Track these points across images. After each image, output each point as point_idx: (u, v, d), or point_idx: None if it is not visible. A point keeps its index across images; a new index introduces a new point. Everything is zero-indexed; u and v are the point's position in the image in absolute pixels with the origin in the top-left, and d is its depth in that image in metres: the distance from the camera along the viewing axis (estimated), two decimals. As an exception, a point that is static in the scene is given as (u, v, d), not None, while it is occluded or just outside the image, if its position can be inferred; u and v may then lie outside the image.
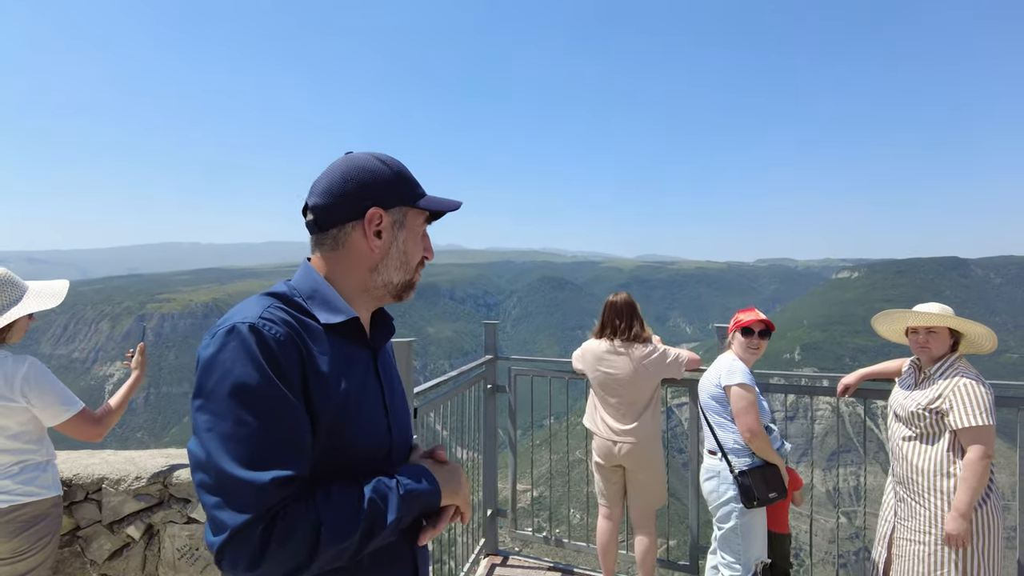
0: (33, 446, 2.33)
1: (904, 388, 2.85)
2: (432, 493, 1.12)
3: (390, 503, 1.02)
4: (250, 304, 1.06)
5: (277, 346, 0.99)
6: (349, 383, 1.09)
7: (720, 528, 3.06)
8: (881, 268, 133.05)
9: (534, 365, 4.33)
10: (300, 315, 1.08)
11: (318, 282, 1.15)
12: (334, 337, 1.11)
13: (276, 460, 0.94)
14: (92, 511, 2.69)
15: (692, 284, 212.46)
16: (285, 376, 0.98)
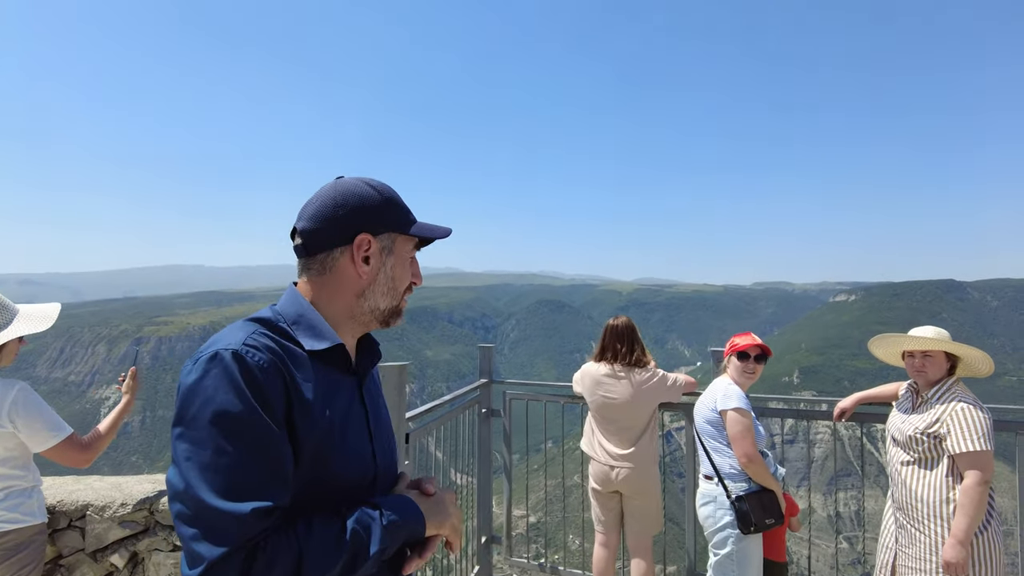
0: (19, 472, 2.28)
1: (902, 412, 2.82)
2: (416, 524, 1.10)
3: (373, 534, 1.00)
4: (234, 330, 1.05)
5: (260, 373, 0.97)
6: (334, 410, 1.08)
7: (716, 554, 3.01)
8: (878, 291, 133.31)
9: (529, 389, 4.30)
10: (284, 341, 1.07)
11: (304, 307, 1.13)
12: (319, 364, 1.09)
13: (257, 490, 0.91)
14: (75, 539, 2.63)
15: (690, 307, 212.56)
16: (268, 404, 0.96)
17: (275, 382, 0.98)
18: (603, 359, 3.56)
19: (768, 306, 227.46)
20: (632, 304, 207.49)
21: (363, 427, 1.16)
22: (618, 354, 3.51)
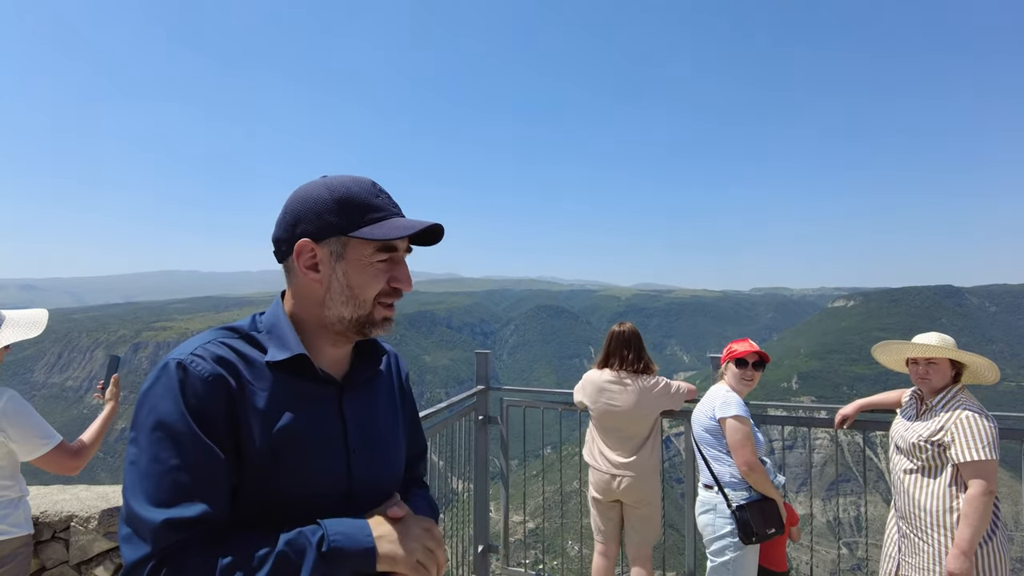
0: (6, 482, 2.24)
1: (906, 419, 2.78)
2: (362, 556, 0.98)
3: (306, 560, 0.92)
4: (197, 338, 1.05)
5: (201, 384, 0.96)
6: (292, 422, 1.03)
7: (713, 562, 2.96)
8: (876, 297, 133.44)
9: (526, 396, 4.25)
10: (251, 349, 1.06)
11: (278, 316, 1.11)
12: (282, 374, 1.05)
13: (179, 501, 0.91)
14: (59, 551, 2.57)
15: (688, 313, 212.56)
16: (204, 415, 0.95)
17: (215, 393, 0.97)
18: (608, 366, 3.51)
19: (767, 311, 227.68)
20: (631, 309, 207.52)
21: (336, 440, 1.09)
22: (625, 361, 3.46)
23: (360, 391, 1.17)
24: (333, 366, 1.15)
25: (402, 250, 1.12)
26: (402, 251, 1.12)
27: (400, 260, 1.12)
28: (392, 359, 1.33)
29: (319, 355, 1.13)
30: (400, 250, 1.11)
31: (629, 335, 3.53)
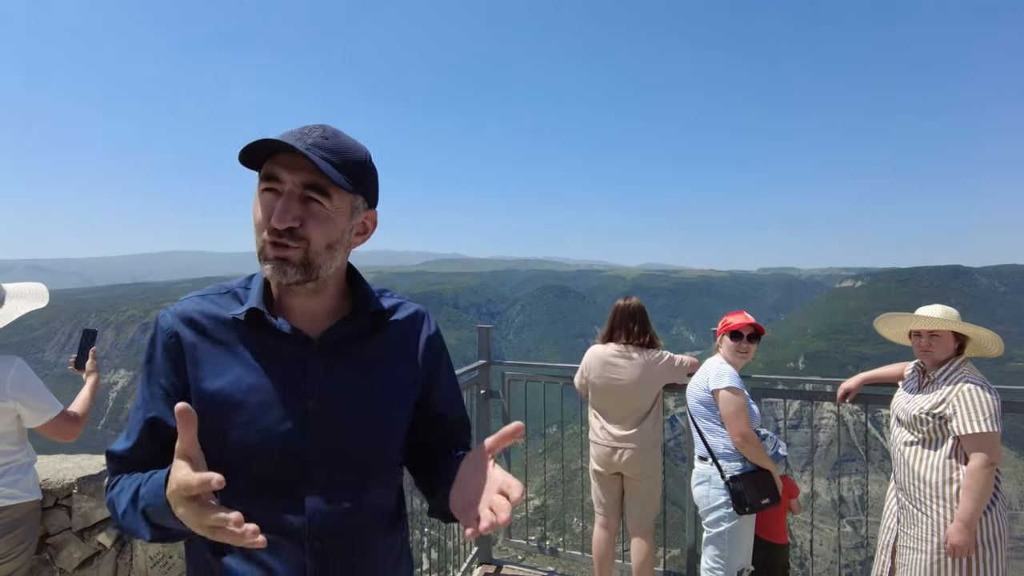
0: (16, 447, 2.30)
1: (907, 392, 2.76)
2: (162, 515, 0.93)
3: (143, 520, 0.98)
4: (189, 295, 1.13)
5: (162, 336, 1.07)
6: (247, 377, 1.04)
7: (708, 532, 2.98)
8: (884, 277, 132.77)
9: (528, 370, 4.25)
10: (229, 304, 1.10)
11: (260, 271, 1.10)
12: (249, 330, 1.07)
13: (125, 436, 1.07)
14: (62, 518, 2.60)
15: (695, 293, 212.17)
16: (156, 367, 1.06)
17: (172, 344, 1.06)
18: (612, 339, 3.50)
19: (774, 292, 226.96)
20: (637, 290, 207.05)
21: (291, 400, 1.04)
22: (631, 333, 3.45)
23: (338, 349, 1.11)
24: (309, 322, 1.11)
25: (288, 183, 1.00)
26: (289, 185, 1.00)
27: (285, 194, 1.00)
28: (417, 320, 1.24)
29: (289, 310, 1.10)
30: (284, 182, 1.00)
31: (635, 309, 3.51)
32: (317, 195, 1.01)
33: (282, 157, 0.99)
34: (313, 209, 1.02)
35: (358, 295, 1.17)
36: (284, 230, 0.99)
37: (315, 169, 0.99)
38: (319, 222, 1.02)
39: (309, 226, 1.01)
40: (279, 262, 1.01)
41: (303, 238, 1.01)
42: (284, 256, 1.01)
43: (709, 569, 2.96)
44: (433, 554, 3.95)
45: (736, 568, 2.91)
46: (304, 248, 1.01)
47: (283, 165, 0.99)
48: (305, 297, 1.10)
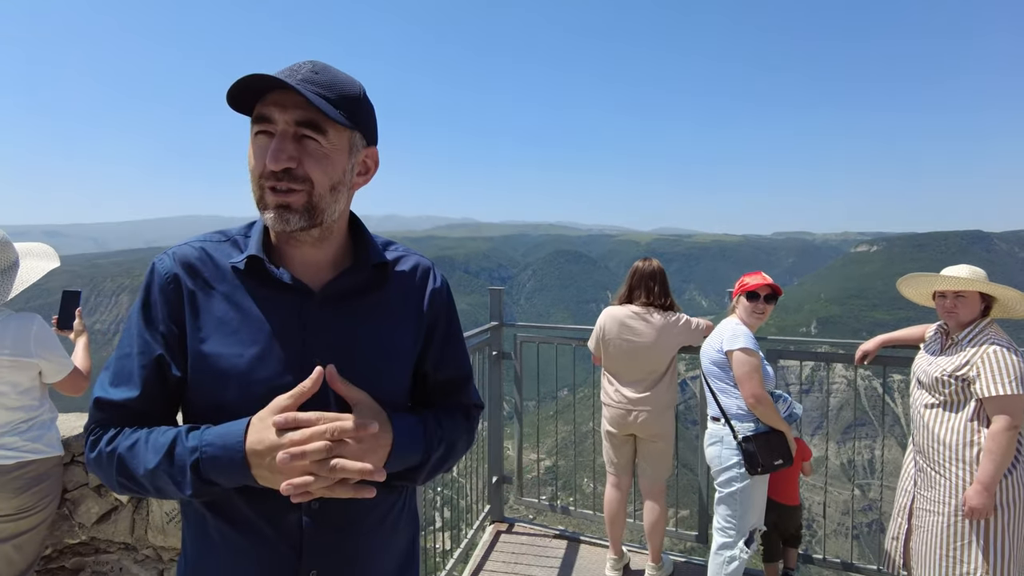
0: (37, 403, 2.37)
1: (929, 354, 2.71)
2: (235, 471, 0.91)
3: (185, 476, 0.91)
4: (186, 240, 1.08)
5: (159, 281, 1.02)
6: (242, 327, 1.00)
7: (720, 492, 2.98)
8: (901, 242, 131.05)
9: (540, 332, 4.23)
10: (228, 251, 1.06)
11: (260, 219, 1.06)
12: (247, 278, 1.03)
13: (116, 384, 1.00)
14: (80, 474, 2.64)
15: (708, 258, 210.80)
16: (152, 310, 1.01)
17: (168, 290, 1.01)
18: (631, 300, 3.46)
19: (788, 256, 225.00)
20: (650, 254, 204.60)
21: (289, 353, 1.01)
22: (651, 293, 3.40)
23: (340, 302, 1.07)
24: (309, 272, 1.06)
25: (281, 123, 0.94)
26: (282, 125, 0.94)
27: (279, 134, 0.94)
28: (419, 272, 1.19)
29: (291, 260, 1.06)
30: (276, 122, 0.94)
31: (655, 270, 3.47)
32: (312, 132, 0.95)
33: (272, 96, 0.94)
34: (309, 147, 0.96)
35: (361, 246, 1.13)
36: (282, 172, 0.94)
37: (308, 105, 0.93)
38: (316, 161, 0.96)
39: (307, 165, 0.95)
40: (281, 209, 0.96)
41: (305, 179, 0.96)
42: (286, 203, 0.96)
43: (721, 529, 2.96)
44: (446, 512, 4.00)
45: (748, 528, 2.91)
46: (308, 191, 0.96)
47: (274, 104, 0.94)
48: (308, 246, 1.06)
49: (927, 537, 2.58)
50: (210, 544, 1.01)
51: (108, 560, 2.68)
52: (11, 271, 2.36)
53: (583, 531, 4.19)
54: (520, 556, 3.78)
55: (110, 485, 0.99)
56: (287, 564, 1.00)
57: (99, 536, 2.68)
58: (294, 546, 1.00)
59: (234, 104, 0.95)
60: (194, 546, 1.04)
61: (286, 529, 0.99)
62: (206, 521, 1.01)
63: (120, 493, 0.97)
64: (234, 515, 0.99)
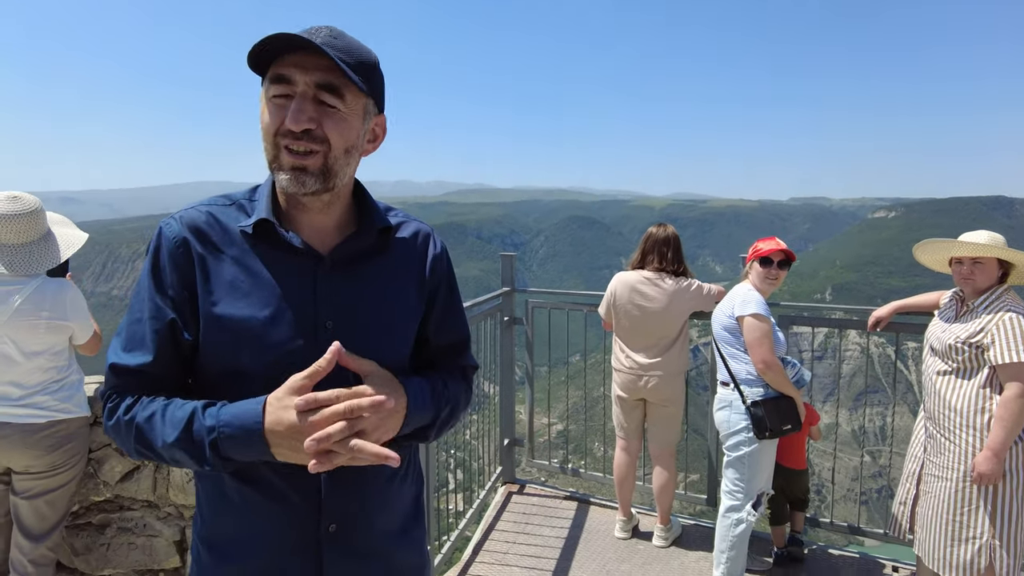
0: (67, 364, 2.48)
1: (943, 320, 2.69)
2: (252, 446, 0.92)
3: (204, 451, 0.93)
4: (190, 204, 1.08)
5: (167, 245, 1.01)
6: (255, 291, 1.01)
7: (728, 456, 3.01)
8: (920, 208, 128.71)
9: (551, 298, 4.25)
10: (235, 215, 1.06)
11: (267, 181, 1.08)
12: (257, 243, 1.03)
13: (130, 349, 1.00)
14: (103, 434, 2.71)
15: (723, 223, 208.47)
16: (162, 274, 1.01)
17: (178, 254, 1.01)
18: (644, 265, 3.45)
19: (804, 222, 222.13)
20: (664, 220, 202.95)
21: (303, 316, 1.02)
22: (664, 259, 3.40)
23: (349, 266, 1.09)
24: (317, 237, 1.08)
25: (301, 84, 0.95)
26: (302, 86, 0.95)
27: (298, 95, 0.96)
28: (420, 237, 1.21)
29: (298, 224, 1.07)
30: (296, 83, 0.95)
31: (670, 236, 3.46)
32: (331, 96, 0.97)
33: (292, 57, 0.95)
34: (327, 110, 0.97)
35: (364, 211, 1.14)
36: (301, 132, 0.95)
37: (328, 68, 0.95)
38: (335, 123, 0.98)
39: (326, 127, 0.97)
40: (297, 171, 0.97)
41: (323, 140, 0.97)
42: (303, 164, 0.97)
43: (729, 492, 3.00)
44: (459, 474, 4.08)
45: (756, 491, 2.94)
46: (324, 153, 0.98)
47: (293, 65, 0.95)
48: (317, 211, 1.07)
49: (934, 502, 2.60)
50: (228, 504, 1.04)
51: (132, 517, 2.77)
52: (48, 238, 2.47)
53: (593, 493, 4.27)
54: (531, 517, 3.86)
55: (128, 452, 1.02)
56: (308, 520, 1.03)
57: (123, 494, 2.77)
58: (314, 503, 1.03)
59: (252, 64, 0.96)
60: (211, 507, 1.07)
61: (305, 488, 1.03)
62: (223, 482, 1.04)
63: (137, 459, 1.01)
64: (253, 476, 1.02)
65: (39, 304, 2.36)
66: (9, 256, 2.34)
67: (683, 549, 3.54)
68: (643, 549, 3.54)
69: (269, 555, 1.03)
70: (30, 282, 2.37)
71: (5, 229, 2.34)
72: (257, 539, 1.03)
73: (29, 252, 2.39)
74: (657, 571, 3.33)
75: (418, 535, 1.23)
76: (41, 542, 2.45)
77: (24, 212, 2.38)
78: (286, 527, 1.03)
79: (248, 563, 1.03)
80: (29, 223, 2.39)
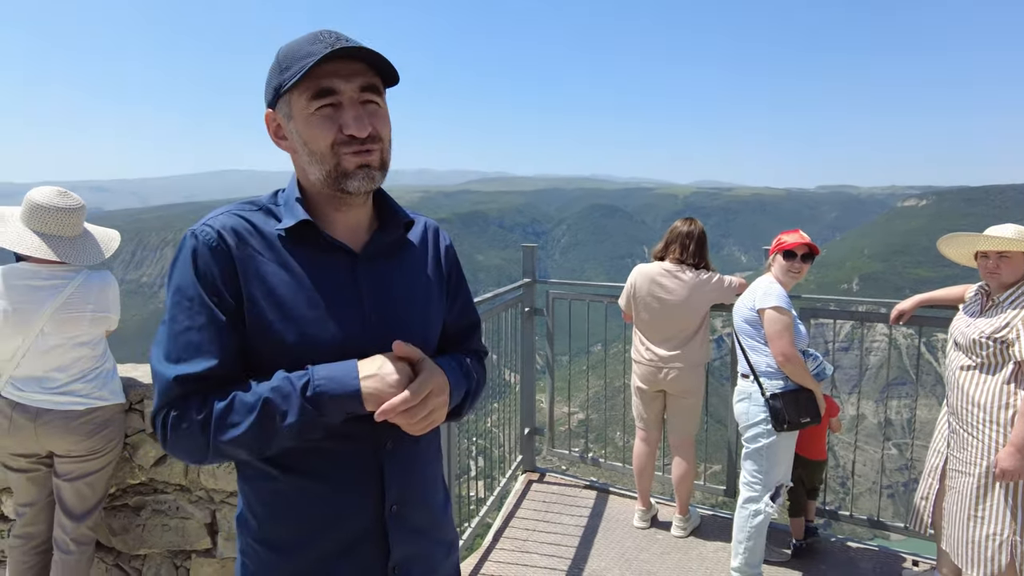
0: (102, 353, 2.59)
1: (968, 315, 2.66)
2: (350, 397, 0.98)
3: (291, 405, 0.96)
4: (216, 210, 1.09)
5: (207, 252, 1.02)
6: (302, 290, 1.05)
7: (747, 448, 3.03)
8: (951, 196, 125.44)
9: (572, 289, 4.27)
10: (265, 220, 1.09)
11: (292, 187, 1.13)
12: (295, 244, 1.07)
13: (187, 358, 0.99)
14: (137, 420, 2.82)
15: (748, 212, 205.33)
16: (207, 280, 1.01)
17: (219, 260, 1.02)
18: (666, 255, 3.45)
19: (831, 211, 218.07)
20: (688, 208, 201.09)
21: (349, 310, 1.08)
22: (685, 250, 3.40)
23: (379, 261, 1.15)
24: (349, 235, 1.13)
25: (347, 92, 1.01)
26: (348, 93, 1.01)
27: (347, 103, 1.01)
28: (430, 231, 1.29)
29: (331, 224, 1.12)
30: (342, 92, 1.01)
31: (695, 231, 3.44)
32: (374, 95, 1.04)
33: (328, 67, 0.99)
34: (373, 109, 1.05)
35: (383, 206, 1.21)
36: (366, 137, 1.02)
37: (365, 71, 1.02)
38: (381, 120, 1.06)
39: (378, 126, 1.05)
40: (366, 169, 1.04)
41: (378, 139, 1.05)
42: (367, 162, 1.04)
43: (747, 483, 3.02)
44: (480, 461, 4.14)
45: (774, 483, 2.95)
46: (380, 148, 1.06)
47: (334, 75, 1.00)
48: (356, 208, 1.13)
49: (957, 498, 2.59)
50: (286, 502, 1.08)
51: (166, 500, 2.87)
52: (88, 235, 2.58)
53: (613, 482, 4.30)
54: (551, 504, 3.91)
55: (198, 455, 1.01)
56: (374, 504, 1.10)
57: (156, 478, 2.87)
58: (377, 488, 1.10)
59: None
60: (265, 508, 1.09)
61: (367, 475, 1.09)
62: (276, 480, 1.07)
63: (211, 462, 1.02)
64: (313, 471, 1.07)
65: (85, 297, 2.48)
66: (66, 248, 2.46)
67: (701, 539, 3.57)
68: (662, 539, 3.58)
69: (337, 542, 1.08)
70: (77, 275, 2.49)
71: (62, 222, 2.45)
72: (323, 530, 1.08)
73: (82, 245, 2.53)
74: (675, 561, 3.36)
75: (450, 509, 1.32)
76: (82, 522, 2.58)
77: (76, 207, 2.50)
78: (352, 513, 1.09)
79: (317, 553, 1.08)
80: (79, 218, 2.52)
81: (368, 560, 1.10)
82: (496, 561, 3.33)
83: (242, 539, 1.14)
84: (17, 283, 2.39)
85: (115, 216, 55.25)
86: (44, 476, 2.58)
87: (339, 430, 1.03)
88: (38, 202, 2.42)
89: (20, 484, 2.57)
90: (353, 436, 1.07)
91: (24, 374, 2.43)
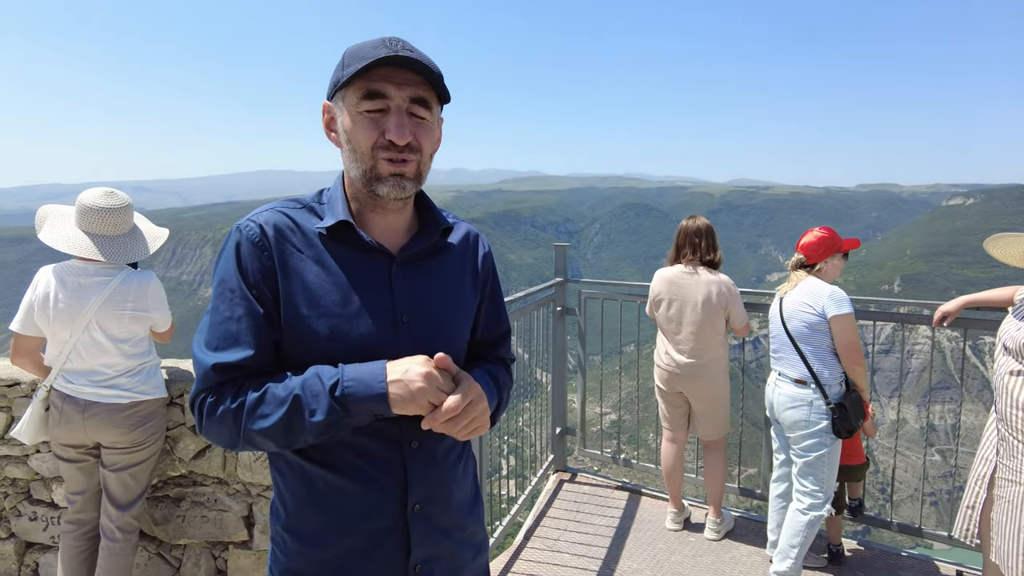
0: (146, 350, 2.69)
1: (1018, 318, 2.57)
2: (376, 400, 0.99)
3: (320, 404, 0.98)
4: (262, 207, 1.13)
5: (249, 246, 1.06)
6: (337, 288, 1.08)
7: (806, 456, 2.96)
8: (1000, 194, 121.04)
9: (604, 288, 4.25)
10: (308, 218, 1.12)
11: (336, 186, 1.16)
12: (333, 243, 1.10)
13: (224, 347, 1.03)
14: (178, 414, 2.92)
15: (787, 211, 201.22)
16: (248, 274, 1.05)
17: (261, 255, 1.05)
18: (680, 259, 3.44)
19: (872, 210, 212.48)
20: (725, 207, 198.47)
21: (382, 310, 1.10)
22: (697, 249, 3.38)
23: (416, 264, 1.17)
24: (387, 237, 1.16)
25: (396, 98, 1.04)
26: (397, 100, 1.04)
27: (394, 110, 1.04)
28: (471, 238, 1.31)
29: (370, 225, 1.15)
30: (391, 98, 1.03)
31: (701, 227, 3.44)
32: (422, 108, 1.07)
33: (383, 71, 1.02)
34: (419, 122, 1.08)
35: (424, 211, 1.23)
36: (404, 146, 1.05)
37: (418, 83, 1.04)
38: (425, 133, 1.08)
39: (420, 137, 1.07)
40: (398, 178, 1.07)
41: (417, 150, 1.07)
42: (401, 172, 1.07)
43: (809, 492, 2.96)
44: (512, 461, 4.15)
45: (832, 488, 2.98)
46: (417, 160, 1.08)
47: (386, 80, 1.03)
48: (393, 212, 1.15)
49: (1007, 507, 2.50)
50: (315, 493, 1.10)
51: (204, 492, 2.96)
52: (136, 232, 2.70)
53: (646, 484, 4.27)
54: (582, 505, 3.90)
55: (231, 442, 1.04)
56: (397, 501, 1.11)
57: (196, 470, 2.96)
58: (401, 485, 1.11)
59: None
60: (295, 499, 1.12)
61: (392, 472, 1.11)
62: (306, 472, 1.10)
63: (242, 448, 1.05)
64: (341, 464, 1.09)
65: (125, 295, 2.59)
66: (108, 247, 2.59)
67: (735, 542, 3.52)
68: (694, 541, 3.54)
69: (361, 537, 1.10)
70: (118, 274, 2.61)
71: (103, 221, 2.58)
72: (348, 524, 1.10)
73: (124, 244, 2.64)
74: (708, 563, 3.32)
75: (480, 510, 1.33)
76: (127, 511, 2.69)
77: (120, 206, 2.63)
78: (377, 510, 1.10)
79: (341, 547, 1.11)
80: (124, 217, 2.64)
81: (391, 557, 1.12)
82: (527, 560, 3.33)
83: (273, 527, 1.17)
84: (68, 279, 2.54)
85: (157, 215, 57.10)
86: (92, 466, 2.70)
87: (367, 427, 1.06)
88: (83, 203, 2.58)
89: (71, 473, 2.69)
90: (380, 434, 1.09)
91: (74, 368, 2.56)
